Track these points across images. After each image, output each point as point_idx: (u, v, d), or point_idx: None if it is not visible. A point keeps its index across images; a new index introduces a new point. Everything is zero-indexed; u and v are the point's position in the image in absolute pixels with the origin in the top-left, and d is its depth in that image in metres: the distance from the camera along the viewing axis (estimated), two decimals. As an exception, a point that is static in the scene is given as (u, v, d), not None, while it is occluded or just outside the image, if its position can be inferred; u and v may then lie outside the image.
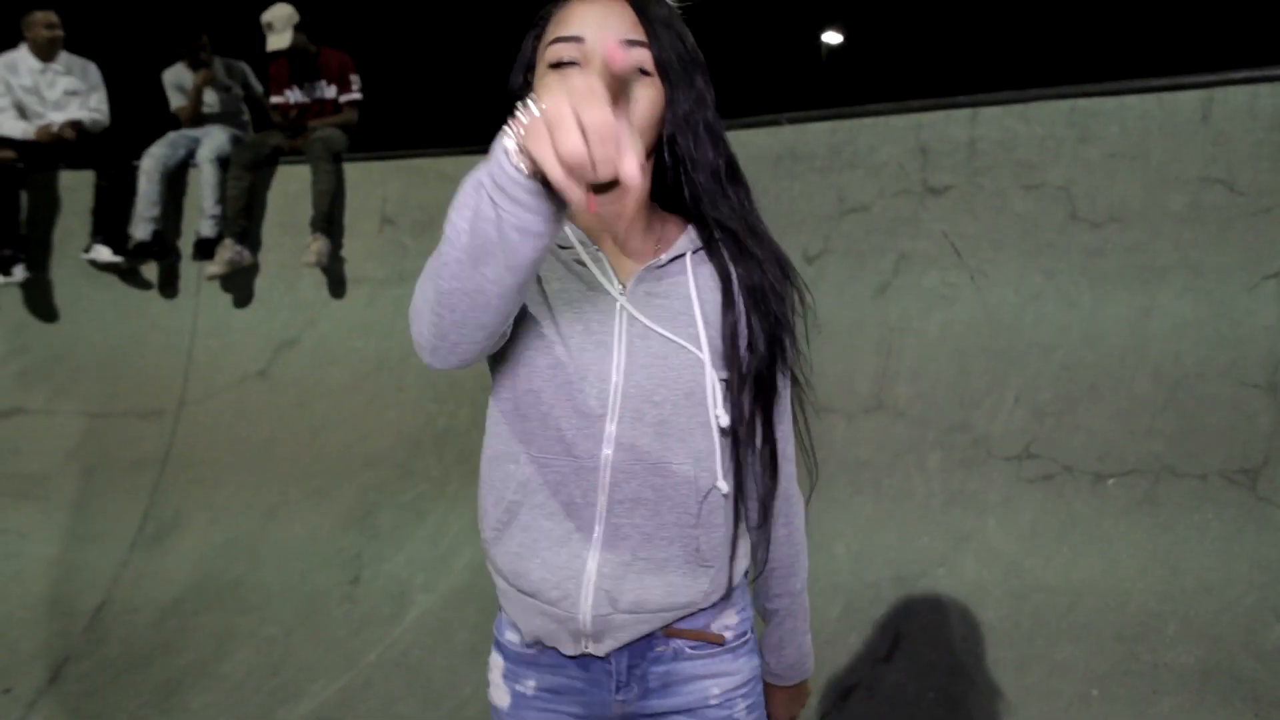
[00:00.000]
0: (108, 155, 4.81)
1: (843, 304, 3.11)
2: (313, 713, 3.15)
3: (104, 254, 4.69)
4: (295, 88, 4.96)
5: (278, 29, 4.70)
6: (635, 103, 1.07)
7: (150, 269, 4.94)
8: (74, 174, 4.94)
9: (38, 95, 4.81)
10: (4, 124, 4.72)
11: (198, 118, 5.06)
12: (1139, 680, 2.23)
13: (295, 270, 4.64)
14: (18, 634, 3.72)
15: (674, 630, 1.21)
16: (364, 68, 5.06)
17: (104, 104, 5.00)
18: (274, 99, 5.02)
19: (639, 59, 1.08)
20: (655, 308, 1.15)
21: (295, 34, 4.72)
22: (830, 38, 19.05)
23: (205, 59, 5.05)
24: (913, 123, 3.12)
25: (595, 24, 1.07)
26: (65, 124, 4.74)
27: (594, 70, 1.04)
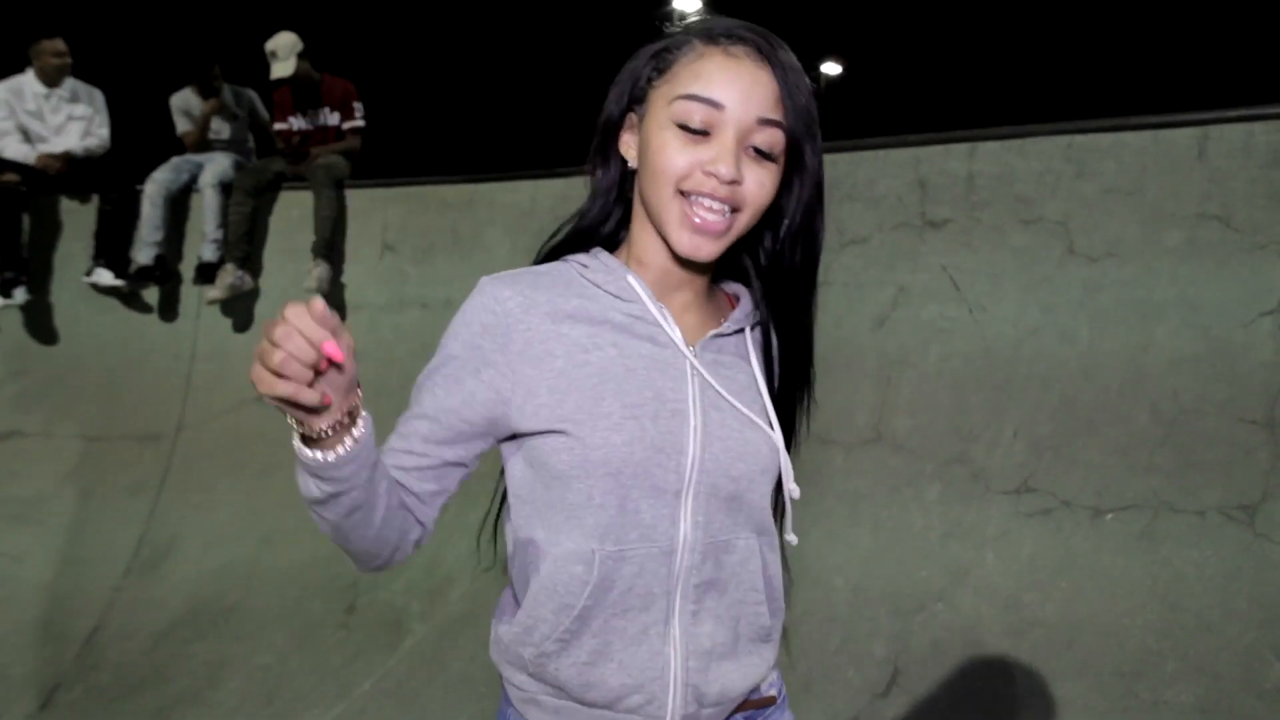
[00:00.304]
0: (111, 179, 4.84)
1: (841, 336, 3.12)
2: (305, 742, 3.13)
3: (105, 277, 4.71)
4: (299, 115, 5.00)
5: (281, 57, 4.75)
6: (745, 186, 1.00)
7: (151, 293, 4.96)
8: (76, 197, 4.98)
9: (41, 120, 4.85)
10: (8, 148, 4.75)
11: (203, 144, 5.10)
12: (1139, 718, 2.22)
13: (296, 295, 4.62)
14: (9, 659, 3.70)
15: (740, 705, 1.15)
16: (367, 95, 5.11)
17: (106, 128, 5.03)
18: (277, 125, 5.06)
19: (769, 142, 1.00)
20: (722, 378, 1.08)
21: (299, 62, 4.77)
22: (829, 69, 19.26)
23: (216, 87, 5.11)
24: (911, 156, 3.15)
25: (739, 94, 0.98)
26: (49, 156, 4.75)
27: (725, 143, 0.98)
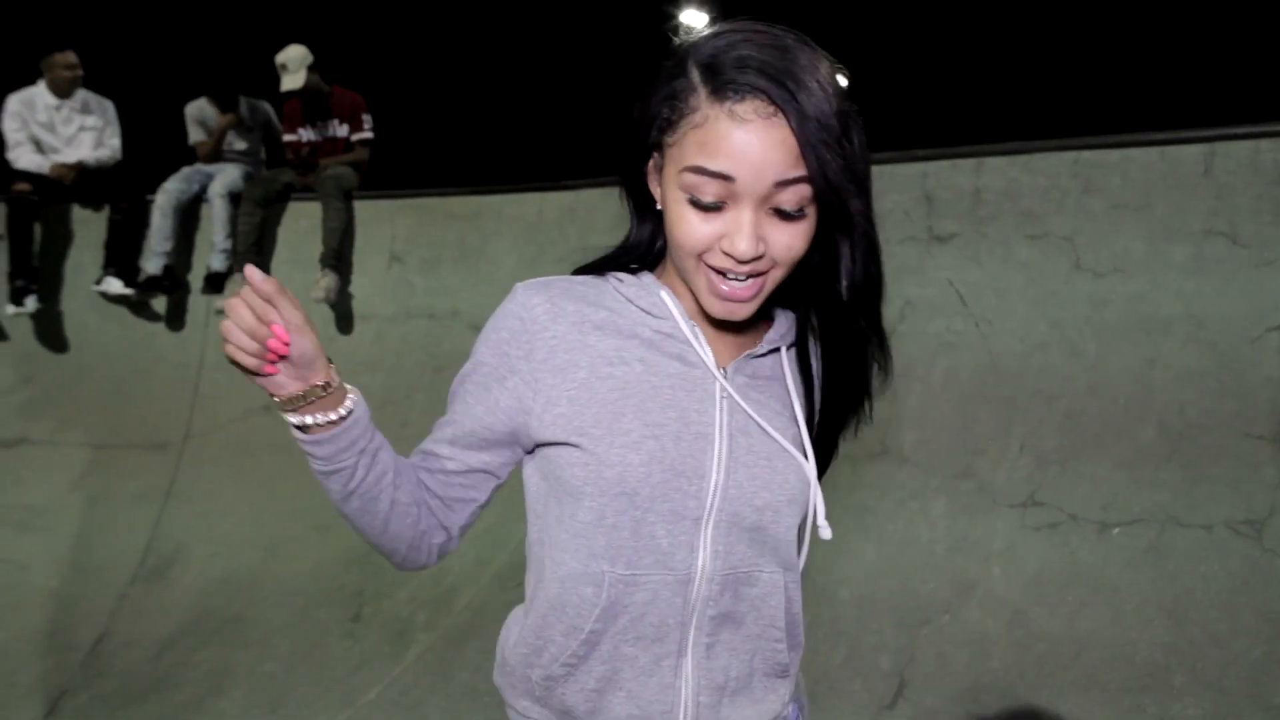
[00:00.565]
0: (122, 189, 4.88)
1: (848, 349, 3.12)
2: (310, 752, 3.12)
3: (115, 286, 4.74)
4: (308, 126, 5.03)
5: (291, 69, 4.79)
6: (772, 250, 0.92)
7: (159, 302, 4.98)
8: (87, 207, 5.01)
9: (53, 131, 4.88)
10: (21, 158, 4.79)
11: (216, 155, 5.13)
12: (1145, 733, 2.22)
13: (304, 305, 4.64)
14: (14, 666, 3.69)
15: None
16: (376, 108, 5.14)
17: (117, 139, 5.07)
18: (286, 137, 5.10)
19: (794, 200, 0.90)
20: (753, 401, 1.03)
21: (309, 74, 4.81)
22: (835, 84, 19.29)
23: (234, 101, 5.14)
24: (918, 171, 3.16)
25: (752, 162, 0.88)
26: (62, 166, 4.79)
27: (741, 218, 0.90)
